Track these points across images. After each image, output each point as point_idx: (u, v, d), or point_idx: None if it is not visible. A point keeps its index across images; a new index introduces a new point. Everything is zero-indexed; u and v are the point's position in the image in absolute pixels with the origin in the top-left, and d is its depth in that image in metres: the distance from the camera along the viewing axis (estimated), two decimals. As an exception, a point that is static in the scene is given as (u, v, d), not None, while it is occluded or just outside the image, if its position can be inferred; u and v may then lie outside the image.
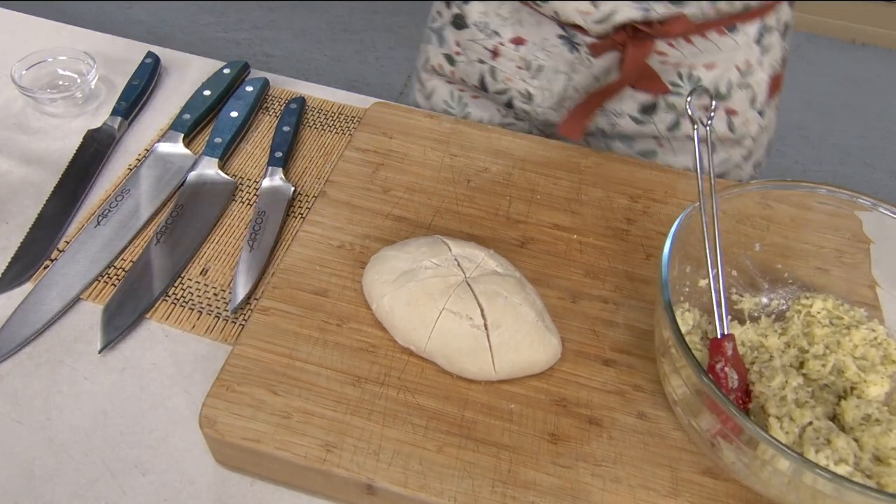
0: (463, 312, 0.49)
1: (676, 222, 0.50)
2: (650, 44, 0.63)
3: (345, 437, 0.46)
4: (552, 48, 0.67)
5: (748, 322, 0.54)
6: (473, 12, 0.71)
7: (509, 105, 0.72)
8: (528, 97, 0.69)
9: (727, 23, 0.64)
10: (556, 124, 0.70)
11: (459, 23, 0.72)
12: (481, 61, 0.72)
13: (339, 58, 2.40)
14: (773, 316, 0.55)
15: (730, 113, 0.70)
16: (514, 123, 0.71)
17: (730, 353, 0.47)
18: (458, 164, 0.66)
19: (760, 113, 0.72)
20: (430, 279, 0.50)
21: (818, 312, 0.53)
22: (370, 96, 0.77)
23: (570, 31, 0.65)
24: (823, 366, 0.50)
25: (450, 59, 0.75)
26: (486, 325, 0.49)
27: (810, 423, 0.45)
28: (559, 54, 0.67)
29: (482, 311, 0.49)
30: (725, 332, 0.47)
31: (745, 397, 0.47)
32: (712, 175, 0.50)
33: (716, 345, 0.47)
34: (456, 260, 0.52)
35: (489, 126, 0.70)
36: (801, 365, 0.52)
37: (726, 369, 0.46)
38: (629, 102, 0.70)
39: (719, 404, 0.40)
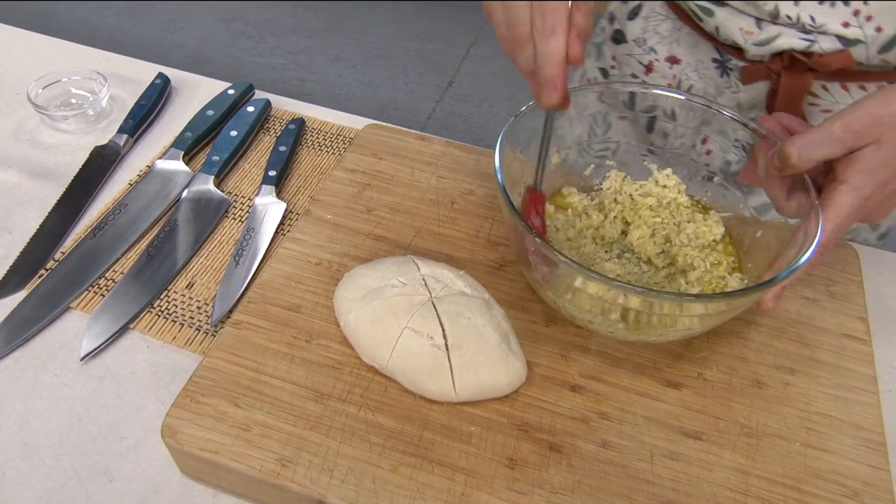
0: (424, 331, 0.49)
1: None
2: (808, 77, 0.61)
3: (301, 452, 0.46)
4: (704, 70, 0.68)
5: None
6: (635, 28, 0.73)
7: (649, 129, 0.71)
8: (673, 116, 0.69)
9: (889, 76, 0.61)
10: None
11: (619, 38, 0.75)
12: (634, 76, 0.74)
13: (371, 83, 2.45)
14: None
15: None
16: (647, 155, 0.70)
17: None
18: (445, 185, 0.66)
19: None
20: (395, 297, 0.50)
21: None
22: (397, 122, 0.77)
23: (724, 54, 0.66)
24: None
25: (604, 73, 0.77)
26: (446, 346, 0.48)
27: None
28: (710, 77, 0.68)
29: (444, 330, 0.49)
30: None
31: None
32: None
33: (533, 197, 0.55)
34: (423, 279, 0.52)
35: (478, 148, 0.71)
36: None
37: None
38: None
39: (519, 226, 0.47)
